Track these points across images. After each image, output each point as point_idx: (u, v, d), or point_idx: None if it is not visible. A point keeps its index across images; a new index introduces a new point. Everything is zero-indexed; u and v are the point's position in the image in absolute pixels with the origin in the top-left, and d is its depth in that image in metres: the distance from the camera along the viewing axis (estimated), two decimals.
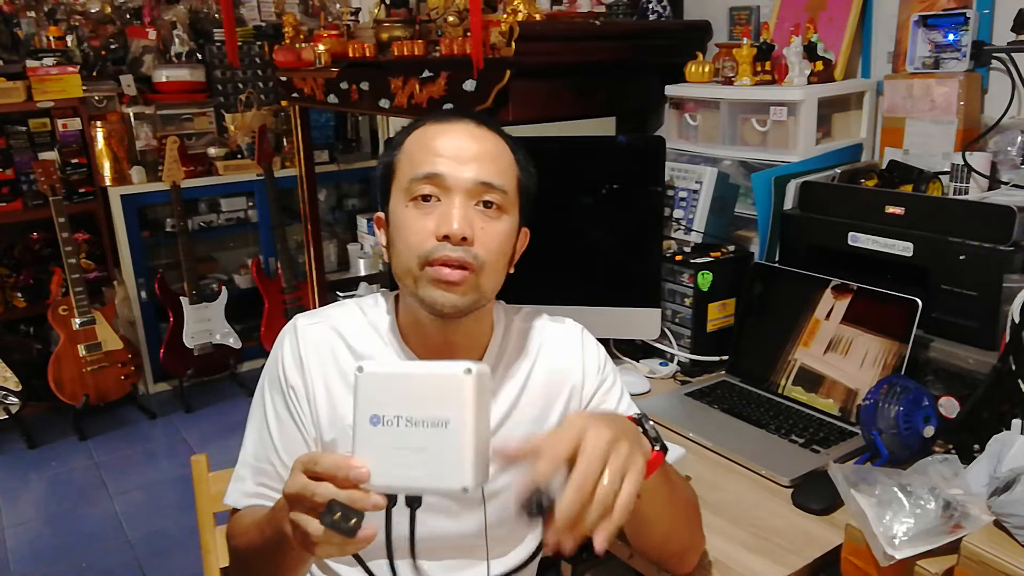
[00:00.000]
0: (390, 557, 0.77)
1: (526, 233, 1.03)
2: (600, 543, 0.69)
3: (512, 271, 1.00)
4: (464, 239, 0.90)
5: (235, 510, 1.00)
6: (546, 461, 0.70)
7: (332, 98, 2.33)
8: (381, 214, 1.01)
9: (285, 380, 0.97)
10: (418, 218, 0.92)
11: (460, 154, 0.92)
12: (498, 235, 0.94)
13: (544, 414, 1.03)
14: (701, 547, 1.01)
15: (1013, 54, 1.46)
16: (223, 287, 3.58)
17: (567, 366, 1.05)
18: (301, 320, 1.01)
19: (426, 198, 0.92)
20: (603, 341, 1.14)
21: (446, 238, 0.90)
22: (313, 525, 0.70)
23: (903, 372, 1.24)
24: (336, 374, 0.97)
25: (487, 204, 0.93)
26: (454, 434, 0.67)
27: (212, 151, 3.69)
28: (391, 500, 0.71)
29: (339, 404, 0.97)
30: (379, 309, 1.02)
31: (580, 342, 1.08)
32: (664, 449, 0.86)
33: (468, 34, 1.72)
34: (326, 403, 0.97)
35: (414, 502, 0.74)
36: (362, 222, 3.86)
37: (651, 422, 0.87)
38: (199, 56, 3.72)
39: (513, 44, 1.64)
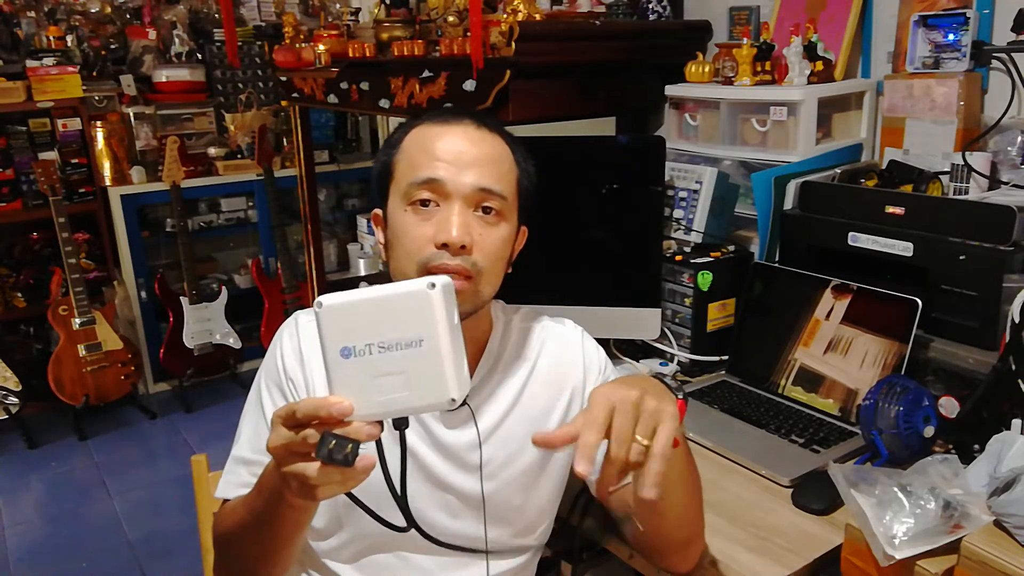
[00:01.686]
0: (391, 487, 0.76)
1: (524, 232, 1.02)
2: (647, 491, 0.72)
3: (510, 271, 1.00)
4: (463, 247, 0.89)
5: (224, 503, 0.98)
6: (590, 432, 0.72)
7: (332, 98, 2.33)
8: (379, 211, 1.00)
9: (284, 372, 0.97)
10: (416, 224, 0.91)
11: (460, 158, 0.92)
12: (496, 241, 0.93)
13: (544, 414, 1.03)
14: (702, 541, 1.00)
15: (1013, 54, 1.46)
16: (223, 287, 3.57)
17: (568, 367, 1.05)
18: (302, 316, 1.01)
19: (424, 203, 0.91)
20: (603, 341, 1.14)
21: (445, 246, 0.89)
22: (311, 467, 0.69)
23: (903, 372, 1.24)
24: None
25: (486, 210, 0.93)
26: (431, 351, 0.67)
27: (212, 151, 3.69)
28: (379, 427, 0.71)
29: None
30: None
31: (581, 344, 1.08)
32: (685, 397, 0.85)
33: (468, 34, 1.72)
34: (323, 391, 0.96)
35: (402, 423, 0.73)
36: (362, 222, 3.86)
37: (668, 378, 0.86)
38: (199, 56, 3.72)
39: (513, 44, 1.64)
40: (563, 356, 1.06)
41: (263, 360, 1.02)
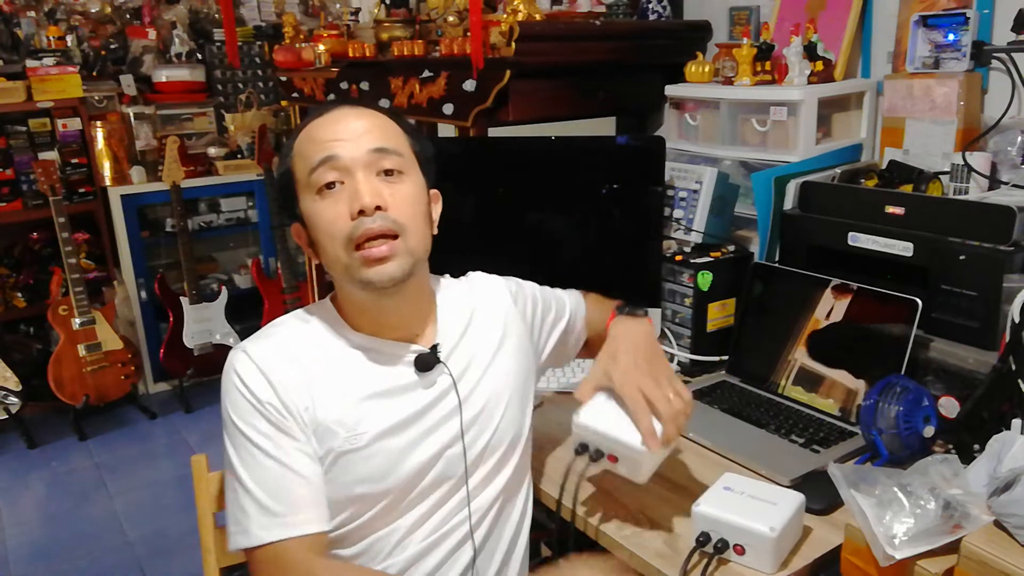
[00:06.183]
0: None
1: (437, 195, 1.07)
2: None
3: (436, 232, 1.04)
4: (378, 208, 0.93)
5: (251, 548, 0.93)
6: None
7: (332, 98, 2.33)
8: (296, 225, 1.02)
9: (257, 399, 0.95)
10: (329, 206, 0.95)
11: (347, 132, 0.96)
12: (408, 196, 0.97)
13: (494, 347, 1.10)
14: None
15: (1013, 54, 1.46)
16: (223, 287, 3.57)
17: (498, 303, 1.14)
18: (249, 346, 1.00)
19: (330, 185, 0.95)
20: None
21: (361, 213, 0.93)
22: None
23: (903, 372, 1.24)
24: (299, 372, 0.97)
25: (388, 172, 0.96)
26: (779, 509, 0.99)
27: (212, 151, 3.69)
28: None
29: (316, 400, 0.96)
30: (319, 314, 1.05)
31: (504, 283, 1.17)
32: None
33: (468, 34, 1.72)
34: (300, 403, 0.96)
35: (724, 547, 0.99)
36: None
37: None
38: (199, 56, 3.72)
39: (513, 44, 1.64)
40: (494, 297, 1.15)
41: (225, 407, 0.98)
